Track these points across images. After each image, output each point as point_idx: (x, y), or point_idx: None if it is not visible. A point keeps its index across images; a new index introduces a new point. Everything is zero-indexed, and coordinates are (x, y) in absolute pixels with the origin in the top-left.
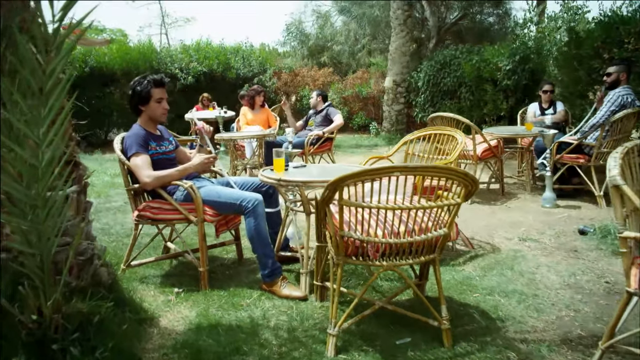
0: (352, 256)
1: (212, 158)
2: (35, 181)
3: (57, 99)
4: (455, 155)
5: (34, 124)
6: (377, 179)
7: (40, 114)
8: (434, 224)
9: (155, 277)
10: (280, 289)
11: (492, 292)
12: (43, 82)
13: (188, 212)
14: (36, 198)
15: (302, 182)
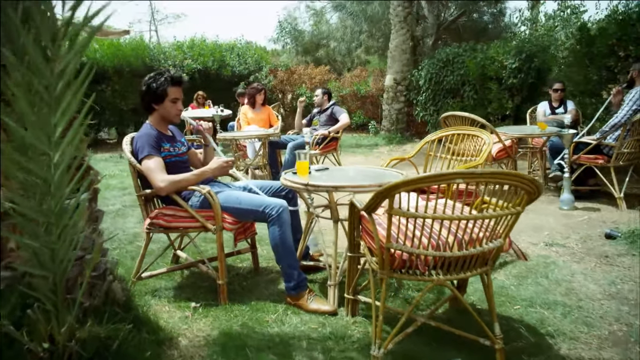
0: (399, 270)
1: (230, 161)
2: (48, 195)
3: (70, 102)
4: (484, 157)
5: (44, 132)
6: (435, 186)
7: (50, 120)
8: (486, 234)
9: (167, 290)
10: (308, 303)
11: (532, 303)
12: (51, 83)
13: (205, 220)
14: (49, 214)
15: (333, 187)
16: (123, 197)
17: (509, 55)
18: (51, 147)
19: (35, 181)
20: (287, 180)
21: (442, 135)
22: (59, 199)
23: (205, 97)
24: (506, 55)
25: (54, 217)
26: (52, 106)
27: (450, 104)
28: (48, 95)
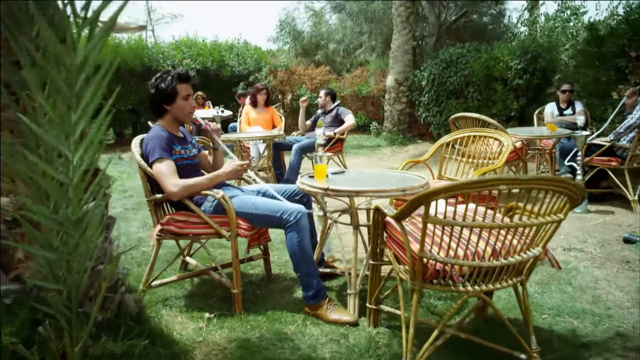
0: (431, 280)
1: (245, 164)
2: (65, 202)
3: (92, 99)
4: (504, 160)
5: (63, 131)
6: (476, 193)
7: (71, 118)
8: (521, 242)
9: (177, 299)
10: (327, 313)
11: (560, 312)
12: (72, 76)
13: (219, 226)
14: (65, 222)
15: (355, 191)
16: (124, 199)
17: (514, 55)
18: (70, 149)
19: (52, 186)
20: (305, 184)
21: (457, 137)
22: (76, 206)
23: (205, 97)
24: (511, 56)
25: (71, 225)
26: (72, 102)
27: (453, 104)
28: (69, 90)
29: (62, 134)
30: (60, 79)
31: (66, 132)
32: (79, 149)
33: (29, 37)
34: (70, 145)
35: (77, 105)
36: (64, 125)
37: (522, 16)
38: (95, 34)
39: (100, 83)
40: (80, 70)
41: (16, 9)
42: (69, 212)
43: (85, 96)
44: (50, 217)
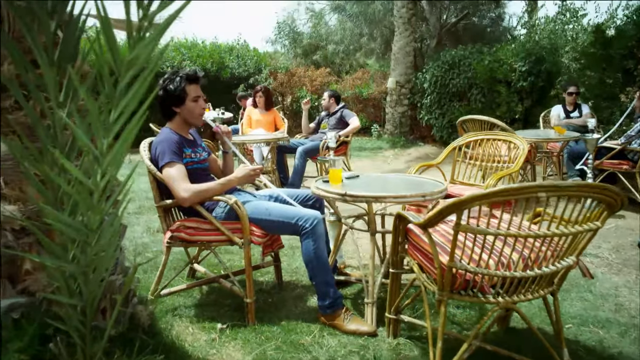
0: (459, 291)
1: (258, 169)
2: (88, 210)
3: (132, 99)
4: (520, 164)
5: (98, 132)
6: (513, 200)
7: (109, 117)
8: (553, 252)
9: (187, 308)
10: (345, 323)
11: (584, 321)
12: (121, 72)
13: (232, 233)
14: (87, 233)
15: (373, 197)
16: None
17: (517, 57)
18: (103, 152)
19: (80, 192)
20: (321, 189)
21: (470, 140)
22: (99, 214)
23: (206, 99)
24: (515, 58)
25: (91, 234)
26: (114, 101)
27: (456, 107)
28: (111, 88)
29: (99, 135)
30: (106, 78)
31: (102, 133)
32: (111, 153)
33: (48, 35)
34: (103, 147)
35: (117, 105)
36: (100, 127)
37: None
38: (149, 34)
39: (142, 84)
40: (128, 67)
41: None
42: (90, 220)
43: (130, 92)
44: (71, 226)
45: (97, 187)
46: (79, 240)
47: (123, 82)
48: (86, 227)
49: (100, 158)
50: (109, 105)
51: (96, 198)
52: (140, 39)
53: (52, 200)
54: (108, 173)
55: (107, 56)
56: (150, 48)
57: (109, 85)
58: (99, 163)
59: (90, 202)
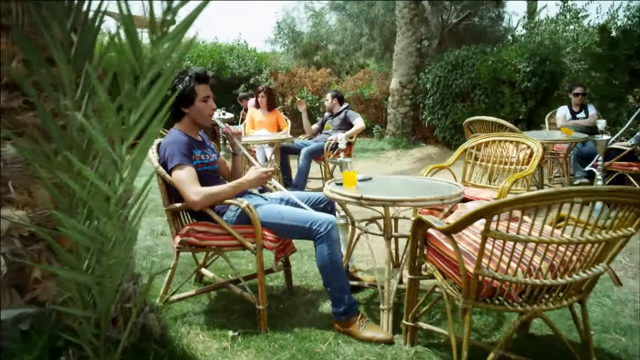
0: (485, 299)
1: (270, 171)
2: (106, 217)
3: (156, 97)
4: (535, 166)
5: (118, 135)
6: (545, 206)
7: (130, 118)
8: (580, 258)
9: (196, 314)
10: (360, 330)
11: (605, 328)
12: (141, 71)
13: (243, 237)
14: (103, 241)
15: (391, 200)
16: None
17: (522, 58)
18: (122, 155)
19: (97, 198)
20: (335, 192)
21: (482, 141)
22: (116, 222)
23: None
24: (519, 59)
25: (107, 243)
26: (135, 101)
27: (459, 108)
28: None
29: (117, 137)
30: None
31: (122, 135)
32: (131, 156)
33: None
34: (122, 151)
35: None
36: (119, 128)
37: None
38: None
39: (165, 82)
40: (150, 65)
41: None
42: (106, 228)
43: (152, 92)
44: (87, 234)
45: (115, 193)
46: (93, 249)
47: (145, 81)
48: (102, 235)
49: (118, 162)
50: (130, 105)
51: (113, 204)
52: (164, 34)
53: (66, 207)
54: (127, 178)
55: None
56: (174, 44)
57: (130, 84)
58: (118, 167)
59: (107, 208)
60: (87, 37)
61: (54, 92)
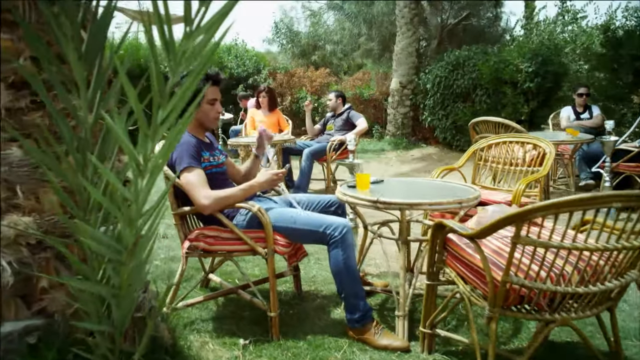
0: (513, 307)
1: (281, 174)
2: (126, 224)
3: (185, 94)
4: (548, 168)
5: (144, 134)
6: (581, 211)
7: (157, 118)
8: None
9: (204, 321)
10: (376, 337)
11: (626, 334)
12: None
13: (254, 242)
14: (121, 251)
15: (408, 204)
16: None
17: (524, 58)
18: (147, 157)
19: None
20: (349, 195)
21: (492, 142)
22: (137, 229)
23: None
24: (521, 59)
25: (126, 255)
26: (164, 99)
27: (460, 108)
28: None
29: (144, 137)
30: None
31: (149, 135)
32: (156, 158)
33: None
34: (146, 153)
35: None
36: (145, 128)
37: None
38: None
39: (195, 79)
40: (180, 61)
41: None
42: (126, 236)
43: (176, 95)
44: (106, 243)
45: (137, 198)
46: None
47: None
48: (121, 243)
49: (142, 164)
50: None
51: (134, 211)
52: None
53: (79, 213)
54: (149, 182)
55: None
56: (208, 37)
57: (160, 81)
58: (141, 170)
59: (128, 214)
60: (98, 34)
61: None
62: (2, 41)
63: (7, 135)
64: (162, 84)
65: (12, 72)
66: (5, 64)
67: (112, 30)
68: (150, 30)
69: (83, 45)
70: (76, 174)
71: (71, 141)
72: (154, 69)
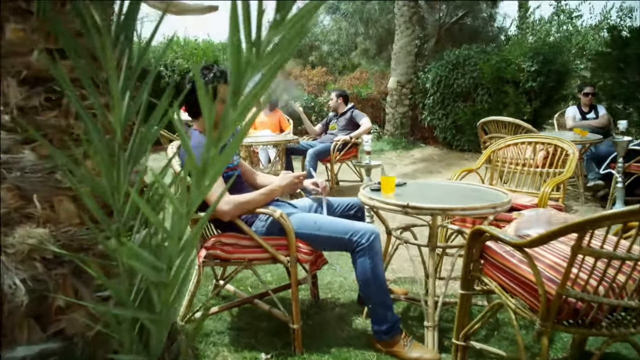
0: (566, 321)
1: (301, 176)
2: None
3: (260, 91)
4: (572, 170)
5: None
6: None
7: (227, 121)
8: None
9: (220, 334)
10: (405, 350)
11: None
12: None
13: (275, 250)
14: (161, 269)
15: (440, 209)
16: None
17: (525, 57)
18: (211, 162)
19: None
20: (375, 200)
21: (510, 143)
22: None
23: None
24: (523, 58)
25: (166, 274)
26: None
27: (461, 108)
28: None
29: (210, 140)
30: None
31: (216, 138)
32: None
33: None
34: (211, 157)
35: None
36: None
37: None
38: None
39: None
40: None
41: None
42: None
43: (250, 93)
44: (151, 263)
45: (191, 210)
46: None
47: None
48: (162, 261)
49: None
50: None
51: (185, 225)
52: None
53: (113, 227)
54: (206, 190)
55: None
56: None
57: (239, 76)
58: (200, 178)
59: (180, 229)
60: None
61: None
62: (14, 31)
63: (18, 136)
64: (241, 81)
65: (24, 66)
66: (17, 57)
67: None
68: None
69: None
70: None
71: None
72: (234, 62)
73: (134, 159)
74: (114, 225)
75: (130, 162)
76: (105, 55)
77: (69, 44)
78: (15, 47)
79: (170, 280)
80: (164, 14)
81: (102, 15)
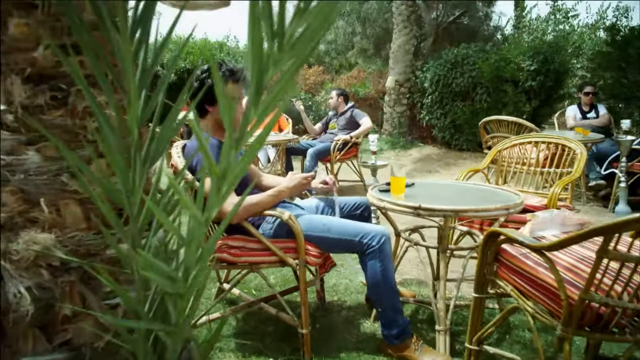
0: (588, 326)
1: (310, 177)
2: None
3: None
4: (581, 170)
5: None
6: None
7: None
8: None
9: (226, 339)
10: (416, 354)
11: None
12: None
13: (284, 253)
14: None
15: (453, 211)
16: None
17: (525, 56)
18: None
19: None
20: (385, 201)
21: (516, 142)
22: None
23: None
24: (522, 57)
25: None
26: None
27: (460, 107)
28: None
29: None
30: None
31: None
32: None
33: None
34: (230, 162)
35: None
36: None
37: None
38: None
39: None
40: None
41: None
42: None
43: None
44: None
45: (209, 217)
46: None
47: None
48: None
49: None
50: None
51: (203, 232)
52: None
53: (127, 233)
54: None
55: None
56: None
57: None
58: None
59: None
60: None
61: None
62: (18, 26)
63: (22, 137)
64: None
65: (28, 63)
66: (21, 54)
67: None
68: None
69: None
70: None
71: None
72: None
73: (150, 161)
74: (128, 231)
75: (146, 164)
76: (122, 51)
77: (83, 37)
78: (19, 42)
79: (187, 290)
80: (182, 11)
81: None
